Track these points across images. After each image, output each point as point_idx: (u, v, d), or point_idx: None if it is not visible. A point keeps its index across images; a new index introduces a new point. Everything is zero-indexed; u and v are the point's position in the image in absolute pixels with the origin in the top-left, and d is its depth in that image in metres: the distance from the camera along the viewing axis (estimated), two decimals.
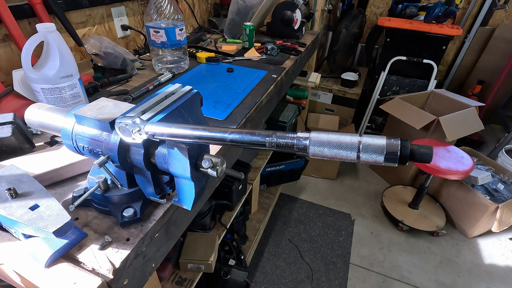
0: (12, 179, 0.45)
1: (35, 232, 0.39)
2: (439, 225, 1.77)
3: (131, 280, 0.45)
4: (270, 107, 1.08)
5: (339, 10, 2.70)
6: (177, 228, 0.57)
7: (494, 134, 2.69)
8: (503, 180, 1.77)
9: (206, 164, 0.38)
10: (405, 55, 2.13)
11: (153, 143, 0.42)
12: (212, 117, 0.80)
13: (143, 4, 1.27)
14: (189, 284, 1.08)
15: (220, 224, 1.27)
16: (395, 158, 0.28)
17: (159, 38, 0.98)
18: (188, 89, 0.46)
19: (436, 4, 2.01)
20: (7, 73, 0.84)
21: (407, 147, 0.27)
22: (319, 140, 0.30)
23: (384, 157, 0.28)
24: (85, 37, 1.04)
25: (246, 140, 0.32)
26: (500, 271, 1.62)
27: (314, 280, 1.56)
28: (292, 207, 1.99)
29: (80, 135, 0.45)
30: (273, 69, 1.16)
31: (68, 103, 0.72)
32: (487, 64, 2.56)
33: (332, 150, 0.29)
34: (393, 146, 0.28)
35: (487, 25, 2.50)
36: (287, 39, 1.50)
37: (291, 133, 0.31)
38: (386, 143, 0.28)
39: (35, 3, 0.83)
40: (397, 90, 2.32)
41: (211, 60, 1.17)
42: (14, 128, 0.57)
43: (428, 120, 1.74)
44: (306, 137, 0.30)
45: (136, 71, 1.05)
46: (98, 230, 0.47)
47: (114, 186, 0.49)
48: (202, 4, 1.67)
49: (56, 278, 0.40)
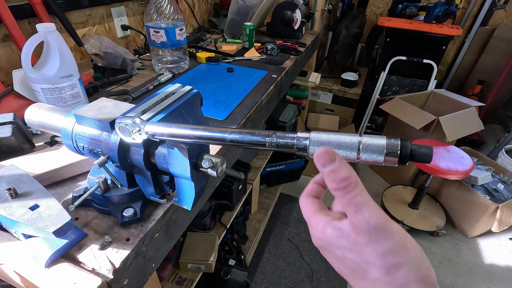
0: (12, 179, 0.45)
1: (35, 232, 0.39)
2: (439, 225, 1.77)
3: (131, 280, 0.45)
4: (270, 107, 1.08)
5: (339, 10, 2.70)
6: (177, 228, 0.57)
7: (494, 134, 2.68)
8: (503, 180, 1.77)
9: (206, 164, 0.38)
10: (405, 55, 2.13)
11: (153, 143, 0.42)
12: (212, 117, 0.80)
13: (143, 4, 1.27)
14: (189, 284, 1.08)
15: (220, 224, 1.27)
16: (395, 158, 0.28)
17: (159, 38, 0.98)
18: (188, 89, 0.46)
19: (436, 4, 2.02)
20: (7, 73, 0.84)
21: (407, 147, 0.27)
22: (319, 140, 0.30)
23: (384, 157, 0.27)
24: (85, 37, 1.04)
25: (246, 140, 0.32)
26: (500, 271, 1.62)
27: (314, 280, 1.56)
28: (292, 207, 1.99)
29: (80, 135, 0.44)
30: (273, 69, 1.16)
31: (68, 103, 0.72)
32: (487, 64, 2.56)
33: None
34: (393, 146, 0.28)
35: (487, 25, 2.50)
36: (287, 39, 1.50)
37: (291, 133, 0.31)
38: (386, 143, 0.28)
39: (35, 3, 0.83)
40: (397, 90, 2.32)
41: (211, 60, 1.17)
42: (14, 128, 0.57)
43: (428, 120, 1.74)
44: (306, 137, 0.30)
45: (136, 71, 1.05)
46: (98, 230, 0.47)
47: (114, 186, 0.49)
48: (202, 4, 1.67)
49: (56, 278, 0.40)
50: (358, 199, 0.24)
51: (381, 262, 0.23)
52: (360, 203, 0.24)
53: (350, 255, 0.25)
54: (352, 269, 0.26)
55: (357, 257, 0.25)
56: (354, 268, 0.25)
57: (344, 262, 0.26)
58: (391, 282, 0.23)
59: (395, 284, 0.23)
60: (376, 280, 0.24)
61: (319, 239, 0.28)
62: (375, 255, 0.24)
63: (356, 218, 0.24)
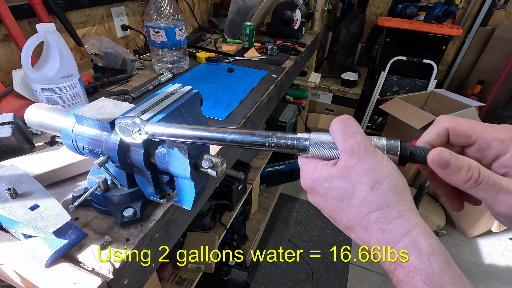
0: (12, 179, 0.44)
1: (35, 232, 0.39)
2: (439, 225, 1.77)
3: (131, 280, 0.45)
4: (270, 107, 1.08)
5: (339, 10, 2.70)
6: (177, 228, 0.57)
7: None
8: None
9: (206, 164, 0.38)
10: (405, 55, 2.13)
11: (153, 143, 0.42)
12: (212, 117, 0.80)
13: (143, 4, 1.27)
14: (189, 284, 1.08)
15: (220, 224, 1.27)
16: (395, 159, 0.28)
17: (159, 38, 0.98)
18: (188, 89, 0.46)
19: (436, 4, 2.01)
20: (7, 73, 0.84)
21: (407, 148, 0.28)
22: (319, 141, 0.30)
23: None
24: (85, 37, 1.04)
25: (246, 140, 0.32)
26: (500, 271, 1.62)
27: (314, 280, 1.56)
28: (292, 207, 1.99)
29: (80, 135, 0.44)
30: (273, 69, 1.16)
31: (68, 103, 0.72)
32: (487, 64, 2.56)
33: (332, 151, 0.29)
34: (393, 147, 0.28)
35: (487, 25, 2.50)
36: (287, 39, 1.50)
37: (291, 134, 0.31)
38: (386, 144, 0.28)
39: (35, 3, 0.83)
40: (397, 90, 2.32)
41: (211, 60, 1.17)
42: (14, 128, 0.57)
43: (428, 120, 1.74)
44: (306, 137, 0.30)
45: (136, 71, 1.05)
46: (98, 230, 0.47)
47: (114, 186, 0.49)
48: (202, 4, 1.67)
49: (56, 278, 0.40)
50: (351, 129, 0.28)
51: (366, 178, 0.26)
52: (354, 132, 0.28)
53: (337, 182, 0.27)
54: (338, 199, 0.28)
55: (344, 181, 0.27)
56: (341, 196, 0.27)
57: (330, 194, 0.28)
58: (375, 196, 0.26)
59: (378, 198, 0.26)
60: (362, 200, 0.26)
61: (308, 178, 0.30)
62: (361, 173, 0.26)
63: (349, 143, 0.27)
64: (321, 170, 0.29)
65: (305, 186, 0.31)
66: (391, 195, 0.25)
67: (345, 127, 0.28)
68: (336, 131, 0.28)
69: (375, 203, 0.26)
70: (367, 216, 0.26)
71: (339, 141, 0.28)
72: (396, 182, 0.26)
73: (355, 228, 0.27)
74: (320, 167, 0.29)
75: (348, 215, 0.27)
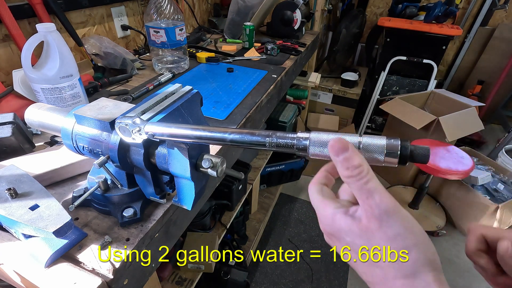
0: (12, 179, 0.45)
1: (35, 232, 0.39)
2: (439, 225, 1.77)
3: (131, 280, 0.45)
4: (270, 107, 1.08)
5: (339, 10, 2.70)
6: (177, 228, 0.57)
7: (494, 134, 2.68)
8: (503, 180, 1.77)
9: (206, 164, 0.38)
10: (405, 55, 2.13)
11: (153, 143, 0.42)
12: (212, 117, 0.80)
13: (143, 4, 1.27)
14: (189, 284, 1.08)
15: (220, 224, 1.27)
16: (395, 159, 0.28)
17: (159, 38, 0.98)
18: (188, 89, 0.46)
19: (436, 4, 2.02)
20: (7, 73, 0.84)
21: (407, 148, 0.27)
22: (319, 140, 0.30)
23: (384, 158, 0.28)
24: (85, 37, 1.04)
25: (246, 140, 0.32)
26: None
27: (314, 280, 1.56)
28: (292, 207, 1.99)
29: (80, 135, 0.44)
30: (273, 69, 1.16)
31: (68, 103, 0.72)
32: (487, 64, 2.56)
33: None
34: (393, 147, 0.28)
35: (487, 25, 2.50)
36: (287, 39, 1.50)
37: (291, 133, 0.31)
38: (386, 143, 0.28)
39: (35, 3, 0.83)
40: (397, 90, 2.32)
41: (211, 60, 1.17)
42: (14, 128, 0.57)
43: (428, 120, 1.74)
44: (306, 137, 0.30)
45: (136, 71, 1.05)
46: (98, 230, 0.47)
47: (114, 186, 0.49)
48: (202, 4, 1.67)
49: (56, 278, 0.40)
50: (369, 185, 0.25)
51: (392, 245, 0.24)
52: (372, 189, 0.25)
53: (360, 241, 0.26)
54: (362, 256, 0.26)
55: (367, 242, 0.25)
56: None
57: (353, 249, 0.27)
58: (402, 265, 0.24)
59: (405, 267, 0.24)
60: (387, 265, 0.24)
61: (328, 225, 0.28)
62: (385, 239, 0.24)
63: (368, 203, 0.25)
64: (340, 220, 0.27)
65: (324, 232, 0.29)
66: (419, 265, 0.24)
67: (358, 178, 0.25)
68: (349, 180, 0.26)
69: (402, 270, 0.24)
70: (392, 281, 0.25)
71: (356, 193, 0.26)
72: (425, 249, 0.24)
73: (377, 287, 0.26)
74: (339, 216, 0.27)
75: (372, 274, 0.26)
